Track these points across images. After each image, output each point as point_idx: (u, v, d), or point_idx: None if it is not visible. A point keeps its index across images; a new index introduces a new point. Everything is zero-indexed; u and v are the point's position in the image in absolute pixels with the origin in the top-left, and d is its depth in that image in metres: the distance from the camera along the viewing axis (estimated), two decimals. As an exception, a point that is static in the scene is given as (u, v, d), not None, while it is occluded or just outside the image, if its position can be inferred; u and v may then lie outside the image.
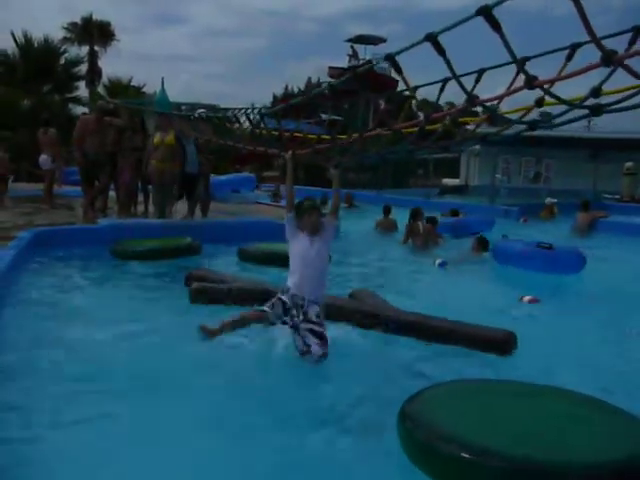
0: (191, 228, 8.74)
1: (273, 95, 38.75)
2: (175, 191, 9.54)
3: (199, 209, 10.22)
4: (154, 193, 9.52)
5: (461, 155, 25.48)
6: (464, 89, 3.38)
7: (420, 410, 2.68)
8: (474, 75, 4.11)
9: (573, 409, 2.82)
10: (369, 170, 24.31)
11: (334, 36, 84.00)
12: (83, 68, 26.48)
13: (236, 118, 7.96)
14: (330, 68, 32.26)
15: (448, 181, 28.24)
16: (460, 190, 24.13)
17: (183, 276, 6.05)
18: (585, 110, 3.06)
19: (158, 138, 9.09)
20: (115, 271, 6.89)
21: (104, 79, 27.30)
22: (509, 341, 4.28)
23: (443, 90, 4.12)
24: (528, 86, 3.01)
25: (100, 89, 25.63)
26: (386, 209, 11.74)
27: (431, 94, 4.63)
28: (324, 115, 19.15)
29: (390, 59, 3.66)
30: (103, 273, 6.79)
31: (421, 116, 4.20)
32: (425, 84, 4.61)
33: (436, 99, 4.28)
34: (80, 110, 23.52)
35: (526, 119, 3.82)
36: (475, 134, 5.02)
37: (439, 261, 7.93)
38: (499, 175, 21.33)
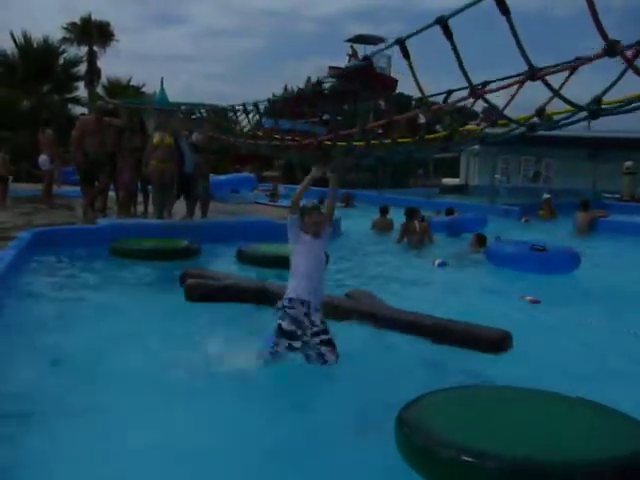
0: (190, 228, 8.73)
1: (273, 95, 38.78)
2: (174, 191, 9.54)
3: (198, 209, 10.20)
4: (154, 193, 9.51)
5: (461, 155, 25.47)
6: (468, 80, 3.37)
7: (417, 416, 2.66)
8: (473, 76, 4.10)
9: (570, 413, 2.83)
10: (369, 170, 24.31)
11: (334, 36, 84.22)
12: (82, 68, 26.52)
13: (245, 110, 7.91)
14: (330, 68, 32.22)
15: (448, 181, 28.24)
16: (460, 190, 24.13)
17: (179, 275, 6.03)
18: (584, 112, 3.06)
19: (157, 138, 9.08)
20: (114, 271, 6.88)
21: (103, 79, 27.35)
22: (504, 340, 4.27)
23: (447, 100, 4.13)
24: (530, 77, 3.00)
25: (99, 89, 25.64)
26: (383, 209, 11.84)
27: (431, 91, 4.64)
28: (324, 116, 19.15)
29: (400, 43, 3.66)
30: (102, 273, 6.79)
31: (421, 117, 4.21)
32: (431, 95, 4.61)
33: (442, 102, 4.28)
34: (79, 110, 23.54)
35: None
36: (475, 135, 5.02)
37: (438, 261, 7.91)
38: (499, 175, 21.33)
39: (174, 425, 3.08)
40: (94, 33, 28.26)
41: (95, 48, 28.61)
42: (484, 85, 4.01)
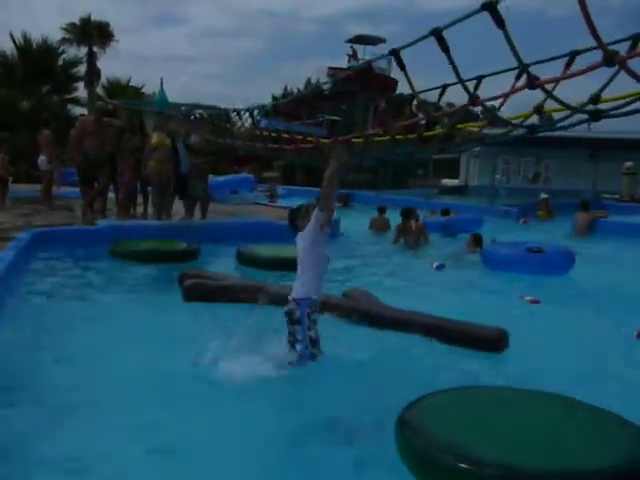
0: (190, 229, 8.72)
1: (272, 96, 38.82)
2: (171, 191, 9.54)
3: (198, 210, 10.19)
4: (153, 194, 9.51)
5: (461, 156, 25.49)
6: (466, 89, 3.38)
7: (417, 419, 2.65)
8: (474, 74, 4.09)
9: (570, 416, 2.83)
10: (369, 171, 24.31)
11: (333, 36, 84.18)
12: (82, 69, 26.53)
13: (238, 114, 7.97)
14: (329, 68, 32.25)
15: (447, 181, 28.26)
16: (460, 190, 24.14)
17: (178, 278, 6.03)
18: (585, 115, 3.06)
19: (157, 139, 9.07)
20: (114, 272, 6.88)
21: (103, 80, 27.36)
22: (501, 339, 4.26)
23: (443, 94, 4.13)
24: (529, 86, 3.00)
25: (99, 90, 25.65)
26: (380, 208, 12.01)
27: (431, 96, 4.64)
28: (321, 116, 19.13)
29: (394, 54, 3.66)
30: (102, 274, 6.78)
31: (421, 116, 4.20)
32: (426, 89, 4.61)
33: (437, 101, 4.29)
34: (79, 111, 23.55)
35: (526, 123, 3.82)
36: (475, 136, 5.02)
37: (436, 264, 7.85)
38: (498, 175, 21.33)
39: (174, 425, 3.07)
40: (94, 34, 28.29)
41: (95, 49, 28.65)
42: (479, 80, 4.02)
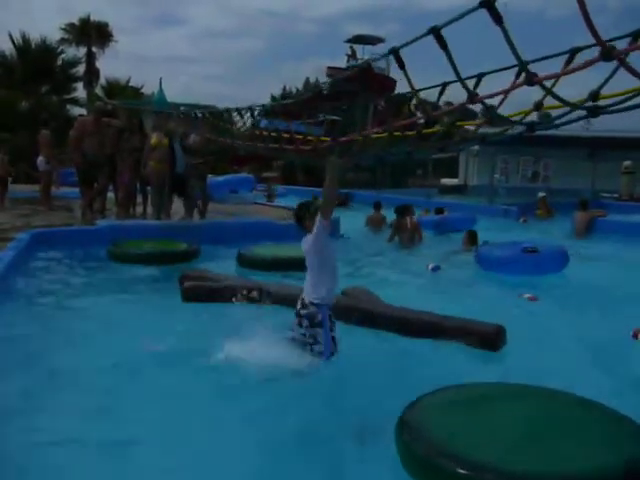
0: (189, 229, 8.72)
1: (271, 96, 38.81)
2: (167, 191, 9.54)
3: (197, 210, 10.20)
4: (152, 194, 9.51)
5: (460, 155, 25.48)
6: (465, 86, 3.38)
7: (417, 421, 2.64)
8: (470, 73, 4.10)
9: (571, 413, 2.81)
10: (368, 170, 24.33)
11: (332, 36, 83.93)
12: (81, 69, 26.53)
13: (239, 114, 7.97)
14: (329, 68, 32.26)
15: (447, 181, 28.24)
16: (459, 190, 24.13)
17: (178, 278, 6.03)
18: (583, 111, 3.06)
19: (156, 139, 9.08)
20: (113, 273, 6.87)
21: (102, 80, 27.35)
22: (498, 335, 4.25)
23: (443, 93, 4.13)
24: (528, 82, 3.00)
25: (98, 90, 25.64)
26: (376, 204, 12.17)
27: (431, 95, 4.64)
28: (321, 115, 19.12)
29: (394, 53, 3.67)
30: (101, 275, 6.78)
31: (419, 115, 4.20)
32: (426, 87, 4.60)
33: (436, 100, 4.29)
34: (78, 111, 23.55)
35: (525, 121, 3.82)
36: (475, 135, 5.02)
37: (432, 265, 7.81)
38: (497, 175, 21.33)
39: (172, 426, 3.08)
40: (93, 34, 28.28)
41: (94, 49, 28.64)
42: (479, 78, 4.02)
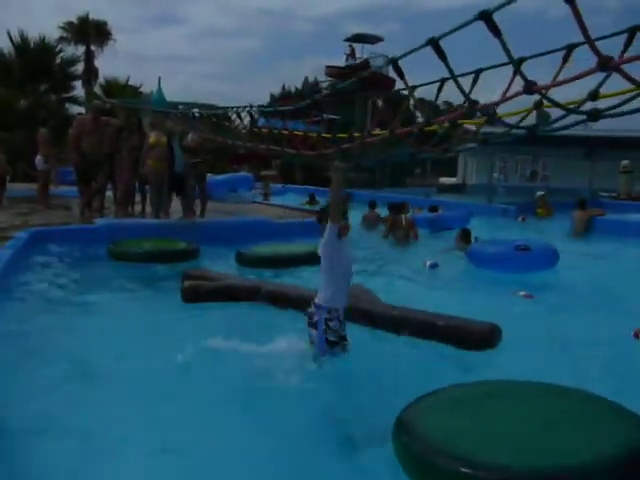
0: (188, 228, 8.71)
1: (270, 95, 38.81)
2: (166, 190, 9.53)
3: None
4: (151, 193, 9.49)
5: (458, 154, 25.51)
6: (464, 94, 3.40)
7: (414, 422, 2.63)
8: (472, 76, 4.10)
9: (569, 407, 2.79)
10: (367, 170, 24.33)
11: (331, 35, 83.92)
12: (80, 68, 26.43)
13: (238, 115, 7.98)
14: (327, 67, 32.24)
15: (445, 180, 28.28)
16: (457, 189, 24.15)
17: (179, 277, 6.03)
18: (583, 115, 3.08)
19: (154, 138, 9.06)
20: (112, 271, 6.87)
21: (100, 79, 27.28)
22: (493, 334, 4.22)
23: (441, 90, 4.13)
24: (527, 91, 3.04)
25: (97, 89, 25.59)
26: (371, 203, 12.36)
27: (429, 92, 4.63)
28: (322, 115, 19.08)
29: (393, 64, 3.70)
30: (100, 273, 6.78)
31: (419, 116, 4.21)
32: (423, 84, 4.61)
33: (434, 98, 4.29)
34: (77, 110, 23.51)
35: (525, 122, 3.83)
36: (475, 137, 5.02)
37: (429, 262, 7.83)
38: (496, 174, 21.35)
39: (172, 426, 3.09)
40: (91, 32, 28.17)
41: (92, 47, 28.52)
42: (477, 74, 4.04)
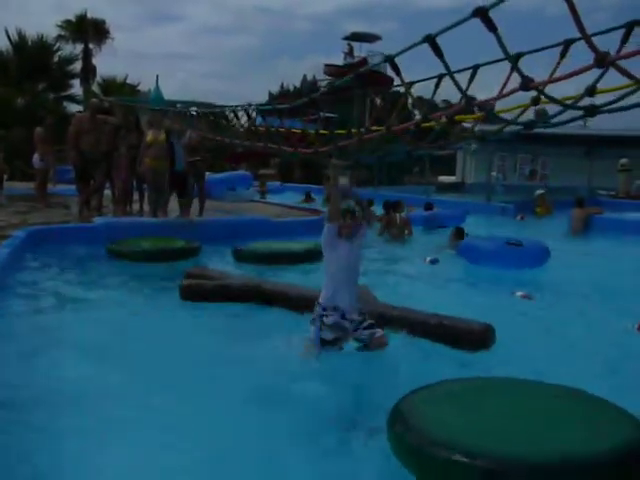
0: (187, 227, 8.70)
1: (269, 93, 38.79)
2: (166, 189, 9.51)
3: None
4: (149, 191, 9.48)
5: (457, 152, 25.50)
6: (461, 90, 3.40)
7: (409, 413, 2.64)
8: (469, 73, 4.10)
9: (562, 404, 2.82)
10: (366, 168, 24.31)
11: (330, 33, 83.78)
12: (77, 66, 26.39)
13: (235, 114, 7.99)
14: (326, 65, 32.23)
15: (444, 178, 28.25)
16: (456, 187, 24.14)
17: (179, 275, 6.01)
18: (581, 111, 3.08)
19: (151, 136, 9.04)
20: (111, 270, 6.86)
21: (98, 77, 27.25)
22: (487, 333, 4.17)
23: (438, 87, 4.13)
24: (524, 88, 3.04)
25: (95, 87, 25.56)
26: (369, 202, 12.37)
27: (427, 90, 4.64)
28: (319, 113, 19.05)
29: (390, 61, 3.69)
30: (99, 272, 6.77)
31: (417, 114, 4.22)
32: (420, 80, 4.61)
33: (432, 95, 4.30)
34: (75, 108, 23.48)
35: (522, 118, 3.83)
36: (472, 133, 5.03)
37: (430, 259, 7.85)
38: (495, 172, 21.35)
39: (172, 426, 3.08)
40: (89, 31, 28.11)
41: (90, 46, 28.46)
42: (474, 70, 4.04)
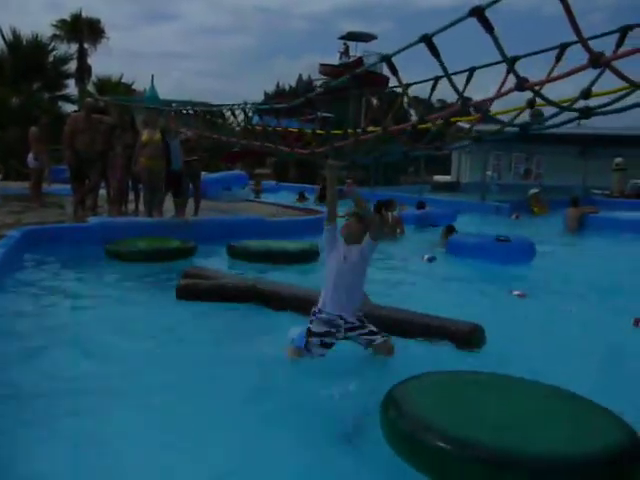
0: (182, 227, 8.69)
1: (265, 92, 38.76)
2: (163, 189, 9.50)
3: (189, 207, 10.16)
4: (144, 191, 9.46)
5: (452, 152, 25.55)
6: (457, 91, 3.41)
7: (402, 401, 2.70)
8: (465, 73, 4.12)
9: (550, 400, 2.90)
10: (362, 168, 24.33)
11: (325, 33, 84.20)
12: (73, 66, 26.32)
13: (232, 113, 7.99)
14: (321, 65, 32.23)
15: (439, 178, 28.32)
16: (451, 187, 24.21)
17: (175, 275, 6.01)
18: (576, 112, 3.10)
19: (146, 136, 9.02)
20: (106, 270, 6.85)
21: (94, 77, 27.18)
22: (475, 333, 4.15)
23: (435, 88, 4.14)
24: (519, 88, 3.05)
25: (90, 87, 25.49)
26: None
27: (423, 90, 4.64)
28: (316, 113, 19.07)
29: (386, 60, 3.70)
30: (94, 272, 6.75)
31: (413, 114, 4.23)
32: (417, 82, 4.62)
33: (428, 96, 4.30)
34: (70, 108, 23.39)
35: (518, 119, 3.85)
36: (468, 135, 5.04)
37: (427, 256, 7.90)
38: (490, 172, 21.42)
39: (171, 425, 3.09)
40: (84, 30, 28.07)
41: (85, 45, 28.44)
42: (471, 72, 4.07)
